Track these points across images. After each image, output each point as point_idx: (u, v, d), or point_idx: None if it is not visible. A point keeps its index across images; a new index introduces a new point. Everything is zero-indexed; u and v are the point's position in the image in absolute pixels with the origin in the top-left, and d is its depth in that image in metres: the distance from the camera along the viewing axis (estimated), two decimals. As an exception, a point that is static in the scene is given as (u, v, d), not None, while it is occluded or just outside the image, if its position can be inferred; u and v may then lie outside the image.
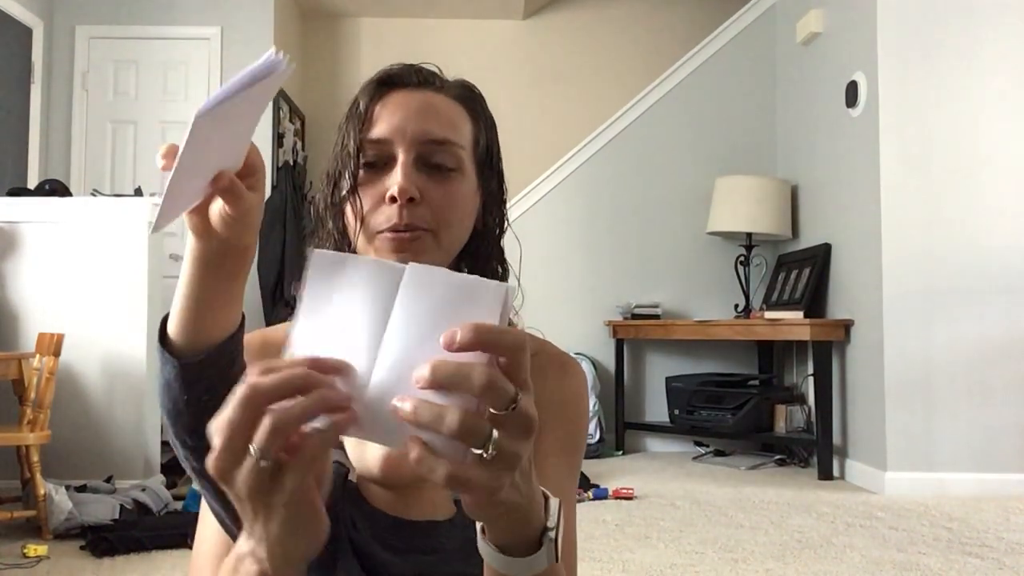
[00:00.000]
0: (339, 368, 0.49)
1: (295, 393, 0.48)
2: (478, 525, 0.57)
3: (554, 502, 0.58)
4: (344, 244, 0.84)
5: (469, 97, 0.87)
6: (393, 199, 0.78)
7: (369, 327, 0.50)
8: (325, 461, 0.53)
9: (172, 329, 0.64)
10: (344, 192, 0.82)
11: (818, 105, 4.55)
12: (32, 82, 5.08)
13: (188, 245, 0.62)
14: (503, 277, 0.89)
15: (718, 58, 5.18)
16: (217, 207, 0.58)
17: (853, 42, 4.12)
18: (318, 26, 6.22)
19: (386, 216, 0.79)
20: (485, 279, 0.50)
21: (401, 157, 0.80)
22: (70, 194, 3.83)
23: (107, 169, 5.27)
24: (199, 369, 0.63)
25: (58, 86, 5.25)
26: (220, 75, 5.29)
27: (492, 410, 0.48)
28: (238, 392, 0.48)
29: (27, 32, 5.03)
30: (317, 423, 0.48)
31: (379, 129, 0.81)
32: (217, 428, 0.48)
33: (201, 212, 0.59)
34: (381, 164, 0.81)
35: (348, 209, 0.82)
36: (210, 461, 0.49)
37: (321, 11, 6.17)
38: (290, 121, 5.72)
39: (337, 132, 0.84)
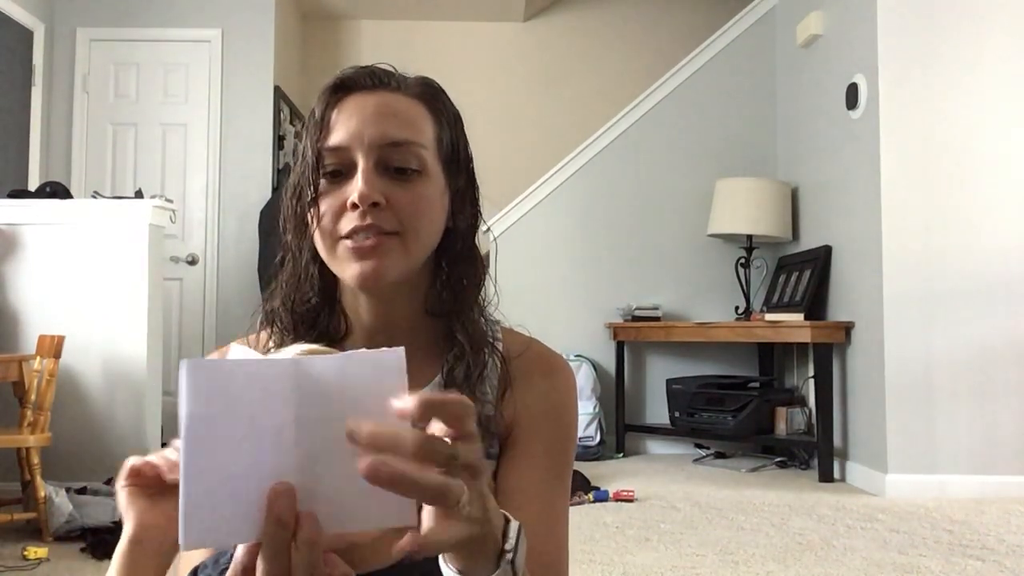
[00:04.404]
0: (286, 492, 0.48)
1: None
2: None
3: (514, 525, 0.58)
4: (313, 258, 0.83)
5: (429, 94, 0.84)
6: (355, 206, 0.77)
7: (275, 431, 0.48)
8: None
9: None
10: (307, 202, 0.80)
11: (818, 107, 4.55)
12: (33, 84, 5.08)
13: (128, 534, 0.60)
14: (480, 276, 0.87)
15: (718, 61, 5.18)
16: None
17: (853, 44, 4.12)
18: (318, 29, 6.23)
19: (349, 223, 0.78)
20: (378, 351, 0.49)
21: (361, 163, 0.78)
22: (71, 196, 3.82)
23: (108, 171, 5.27)
24: None
25: (59, 88, 5.26)
26: (221, 77, 5.30)
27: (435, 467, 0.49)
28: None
29: (28, 34, 5.03)
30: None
31: (336, 136, 0.79)
32: None
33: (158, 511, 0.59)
34: (343, 172, 0.79)
35: (312, 220, 0.80)
36: None
37: (321, 14, 6.18)
38: (291, 123, 5.73)
39: (299, 142, 0.83)
